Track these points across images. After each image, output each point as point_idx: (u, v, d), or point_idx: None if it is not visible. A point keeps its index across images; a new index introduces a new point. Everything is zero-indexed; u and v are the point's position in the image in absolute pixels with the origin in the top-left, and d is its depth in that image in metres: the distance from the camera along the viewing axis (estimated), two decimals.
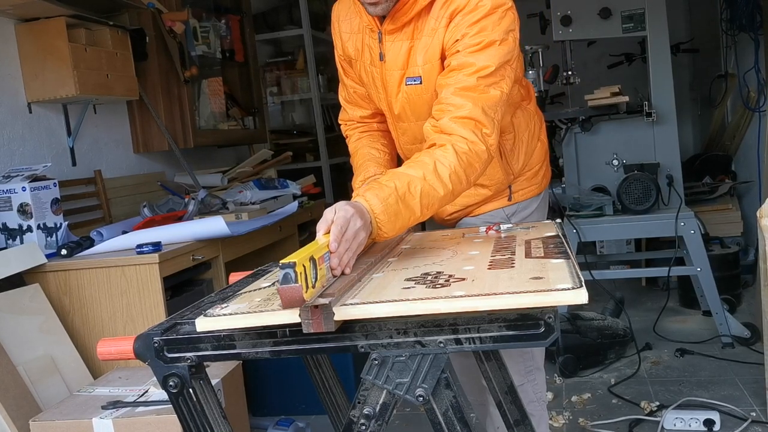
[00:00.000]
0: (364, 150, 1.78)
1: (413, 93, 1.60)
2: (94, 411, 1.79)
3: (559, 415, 2.67)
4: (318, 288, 1.03)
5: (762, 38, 4.30)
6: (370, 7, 1.53)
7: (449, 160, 1.37)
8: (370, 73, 1.67)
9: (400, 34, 1.57)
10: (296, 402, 2.80)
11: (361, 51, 1.67)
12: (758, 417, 2.51)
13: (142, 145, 3.15)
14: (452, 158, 1.38)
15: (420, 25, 1.55)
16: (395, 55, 1.59)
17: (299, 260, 0.96)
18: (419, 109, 1.62)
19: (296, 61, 4.78)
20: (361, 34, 1.66)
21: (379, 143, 1.79)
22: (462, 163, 1.38)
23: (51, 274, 2.18)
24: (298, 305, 0.96)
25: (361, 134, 1.83)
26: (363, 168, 1.72)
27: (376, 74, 1.66)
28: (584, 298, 0.95)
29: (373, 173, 1.69)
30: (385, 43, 1.60)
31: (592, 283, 3.18)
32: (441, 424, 1.02)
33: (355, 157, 1.78)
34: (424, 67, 1.56)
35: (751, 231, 4.24)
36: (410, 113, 1.65)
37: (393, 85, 1.63)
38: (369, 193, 1.28)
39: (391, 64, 1.61)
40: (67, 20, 2.49)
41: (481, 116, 1.42)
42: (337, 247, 1.14)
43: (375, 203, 1.26)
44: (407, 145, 1.73)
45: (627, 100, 3.40)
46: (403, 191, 1.30)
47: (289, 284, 0.94)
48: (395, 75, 1.61)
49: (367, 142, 1.80)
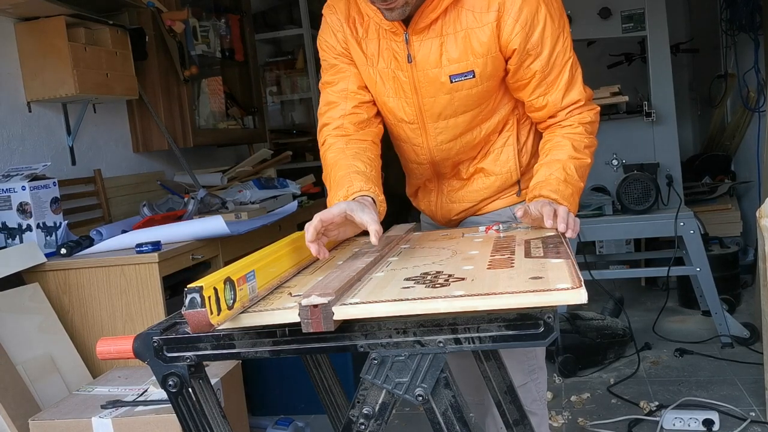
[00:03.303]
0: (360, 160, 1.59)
1: (462, 88, 1.57)
2: (93, 410, 1.78)
3: (558, 415, 2.67)
4: (237, 308, 1.03)
5: (761, 38, 4.30)
6: (387, 13, 1.48)
7: (581, 133, 1.61)
8: (393, 77, 1.60)
9: (429, 32, 1.54)
10: (295, 401, 2.80)
11: (378, 56, 1.60)
12: (757, 417, 2.51)
13: (142, 145, 3.15)
14: (581, 130, 1.62)
15: (449, 19, 1.53)
16: (427, 54, 1.55)
17: (207, 284, 0.96)
18: (466, 103, 1.59)
19: (296, 61, 4.78)
20: (377, 38, 1.59)
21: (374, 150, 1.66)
22: (589, 132, 1.64)
23: (50, 273, 2.18)
24: (206, 329, 0.97)
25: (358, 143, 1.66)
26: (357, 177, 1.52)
27: (403, 78, 1.59)
28: (584, 297, 0.95)
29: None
30: (413, 44, 1.55)
31: (592, 282, 3.18)
32: (440, 423, 1.02)
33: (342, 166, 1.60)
34: (477, 61, 1.53)
35: (750, 231, 4.24)
36: (454, 109, 1.60)
37: (429, 84, 1.58)
38: (547, 192, 1.53)
39: (423, 63, 1.55)
40: (66, 19, 2.49)
41: (586, 94, 1.64)
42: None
43: (558, 198, 1.52)
44: (443, 144, 1.67)
45: (627, 100, 3.40)
46: (564, 176, 1.56)
47: (195, 309, 0.95)
48: (431, 74, 1.56)
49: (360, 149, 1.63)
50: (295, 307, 1.00)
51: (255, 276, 1.10)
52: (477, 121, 1.64)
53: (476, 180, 1.74)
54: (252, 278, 1.09)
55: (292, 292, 1.14)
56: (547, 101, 1.60)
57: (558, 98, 1.60)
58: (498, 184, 1.73)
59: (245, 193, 3.16)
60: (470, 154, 1.72)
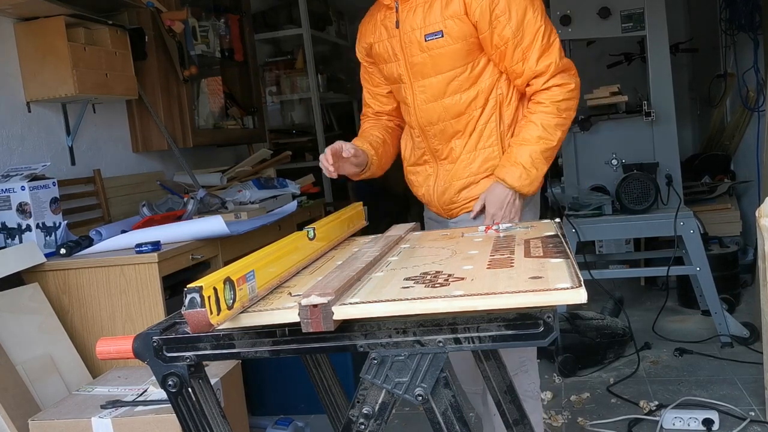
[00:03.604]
0: (366, 132, 2.06)
1: (434, 47, 1.78)
2: (93, 410, 1.78)
3: (558, 415, 2.67)
4: (237, 308, 1.03)
5: (761, 38, 4.30)
6: None
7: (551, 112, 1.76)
8: (389, 47, 1.87)
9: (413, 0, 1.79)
10: (295, 401, 2.80)
11: (381, 38, 1.89)
12: (757, 416, 2.52)
13: (141, 145, 3.15)
14: (552, 109, 1.76)
15: None
16: (411, 19, 1.80)
17: (207, 284, 0.96)
18: (440, 62, 1.80)
19: (295, 61, 4.78)
20: (376, 17, 1.90)
21: (380, 130, 2.04)
22: (562, 110, 1.77)
23: (50, 273, 2.18)
24: (206, 329, 0.97)
25: (372, 123, 2.09)
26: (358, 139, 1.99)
27: (395, 44, 1.85)
28: (583, 297, 0.95)
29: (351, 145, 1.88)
30: (401, 12, 1.82)
31: (591, 282, 3.18)
32: (440, 423, 1.03)
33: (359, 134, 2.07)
34: (445, 23, 1.75)
35: (750, 230, 4.24)
36: (431, 68, 1.81)
37: (412, 44, 1.81)
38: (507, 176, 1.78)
39: (406, 27, 1.81)
40: (66, 19, 2.49)
41: (562, 63, 1.77)
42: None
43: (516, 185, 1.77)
44: (426, 104, 1.87)
45: (626, 99, 3.40)
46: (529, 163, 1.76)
47: (195, 309, 0.95)
48: (413, 36, 1.80)
49: (371, 126, 2.08)
50: (295, 306, 1.00)
51: (255, 276, 1.10)
52: (454, 86, 1.82)
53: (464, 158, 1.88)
54: (252, 278, 1.09)
55: (291, 292, 1.14)
56: (524, 68, 1.77)
57: (533, 62, 1.76)
58: (482, 158, 1.86)
59: (245, 193, 3.15)
60: (455, 127, 1.85)
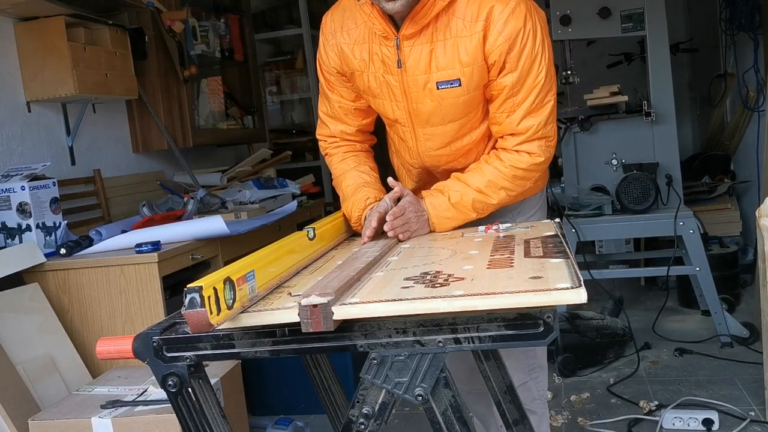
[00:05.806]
0: (352, 174, 1.77)
1: (448, 96, 1.59)
2: (93, 410, 1.78)
3: (558, 415, 2.67)
4: (237, 308, 1.03)
5: (761, 38, 4.30)
6: (388, 4, 1.49)
7: (505, 175, 1.62)
8: (384, 82, 1.64)
9: (420, 37, 1.56)
10: (295, 401, 2.80)
11: (368, 61, 1.63)
12: (757, 416, 2.51)
13: (141, 145, 3.15)
14: (508, 173, 1.62)
15: (440, 26, 1.54)
16: (417, 60, 1.57)
17: (207, 284, 0.96)
18: (453, 111, 1.62)
19: (295, 61, 4.78)
20: (368, 43, 1.62)
21: (366, 166, 1.79)
22: (518, 178, 1.63)
23: (50, 273, 2.18)
24: (206, 329, 0.97)
25: (345, 154, 1.81)
26: (361, 193, 1.70)
27: (393, 82, 1.62)
28: (583, 297, 0.95)
29: (374, 198, 1.68)
30: (404, 49, 1.57)
31: (591, 282, 3.18)
32: (440, 423, 1.03)
33: (344, 181, 1.77)
34: (464, 70, 1.55)
35: (750, 230, 4.24)
36: (442, 117, 1.63)
37: (417, 90, 1.60)
38: (428, 200, 1.63)
39: (413, 69, 1.58)
40: (66, 19, 2.49)
41: (545, 130, 1.60)
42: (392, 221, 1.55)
43: (431, 212, 1.62)
44: (432, 151, 1.71)
45: (626, 99, 3.40)
46: (455, 201, 1.62)
47: (195, 309, 0.95)
48: (420, 80, 1.59)
49: (353, 165, 1.78)
50: (295, 306, 1.00)
51: (255, 276, 1.10)
52: (465, 129, 1.67)
53: None
54: (252, 278, 1.09)
55: (291, 292, 1.14)
56: (505, 121, 1.61)
57: (516, 119, 1.59)
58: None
59: (245, 193, 3.16)
60: (462, 162, 1.73)
